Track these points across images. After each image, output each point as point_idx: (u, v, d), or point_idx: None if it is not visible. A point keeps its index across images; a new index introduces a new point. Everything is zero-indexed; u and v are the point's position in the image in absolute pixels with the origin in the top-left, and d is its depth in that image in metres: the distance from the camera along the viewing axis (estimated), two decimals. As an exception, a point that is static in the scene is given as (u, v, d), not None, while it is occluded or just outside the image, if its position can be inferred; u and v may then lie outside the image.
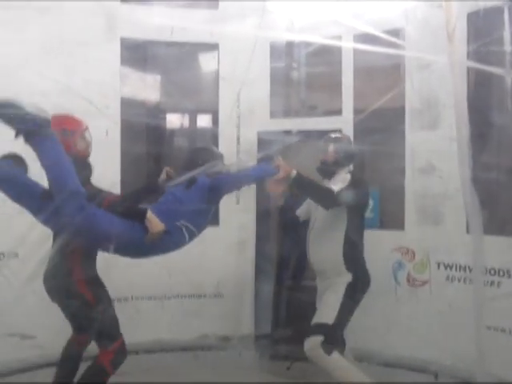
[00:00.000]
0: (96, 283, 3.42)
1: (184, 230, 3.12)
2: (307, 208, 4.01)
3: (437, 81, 4.32)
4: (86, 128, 3.44)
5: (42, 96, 4.28)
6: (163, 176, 3.58)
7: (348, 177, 3.79)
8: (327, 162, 3.87)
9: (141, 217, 2.92)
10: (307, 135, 5.16)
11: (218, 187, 3.30)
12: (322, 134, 4.96)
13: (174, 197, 3.22)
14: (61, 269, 3.23)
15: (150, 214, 2.94)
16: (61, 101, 4.47)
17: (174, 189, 3.28)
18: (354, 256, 3.76)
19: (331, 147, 3.87)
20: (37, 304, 3.98)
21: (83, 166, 3.32)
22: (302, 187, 3.67)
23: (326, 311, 3.66)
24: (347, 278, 3.72)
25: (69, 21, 4.50)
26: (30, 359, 3.67)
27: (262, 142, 5.12)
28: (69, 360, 3.51)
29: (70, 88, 4.43)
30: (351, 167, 3.95)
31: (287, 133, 5.10)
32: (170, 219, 3.06)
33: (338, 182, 3.72)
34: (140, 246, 3.00)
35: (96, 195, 3.02)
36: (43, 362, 4.19)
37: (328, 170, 3.86)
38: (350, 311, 3.78)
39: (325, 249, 3.76)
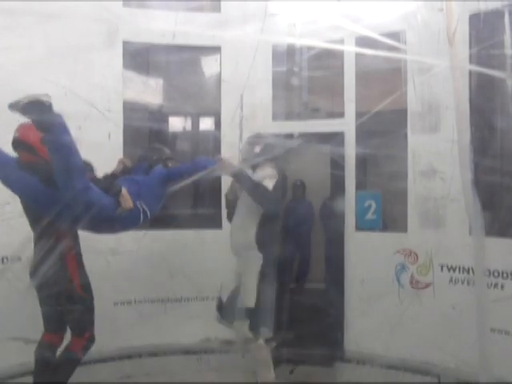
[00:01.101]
0: (87, 282, 3.67)
1: (141, 210, 3.49)
2: (235, 189, 4.20)
3: (438, 84, 4.33)
4: None
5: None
6: (119, 166, 4.02)
7: (274, 171, 3.99)
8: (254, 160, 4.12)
9: (117, 193, 3.29)
10: (309, 138, 5.17)
11: (169, 176, 3.87)
12: (325, 137, 5.02)
13: (135, 180, 3.70)
14: (62, 276, 3.44)
15: (124, 191, 3.33)
16: (64, 105, 4.49)
17: (135, 174, 3.87)
18: (265, 240, 3.99)
19: (256, 148, 4.20)
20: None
21: None
22: (241, 183, 3.91)
23: (247, 295, 3.91)
24: (259, 258, 3.96)
25: (71, 25, 4.51)
26: (32, 363, 3.68)
27: (265, 144, 5.10)
28: (45, 361, 3.56)
29: (72, 92, 4.45)
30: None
31: (289, 136, 5.11)
32: (132, 199, 3.42)
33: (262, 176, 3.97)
34: (108, 220, 3.34)
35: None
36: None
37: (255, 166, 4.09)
38: (269, 294, 4.05)
39: (242, 231, 4.05)
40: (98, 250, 4.27)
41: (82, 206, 3.06)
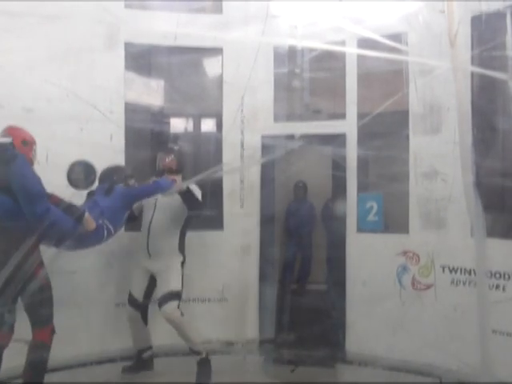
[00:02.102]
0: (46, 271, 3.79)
1: (105, 228, 3.86)
2: (140, 206, 4.55)
3: (440, 85, 4.33)
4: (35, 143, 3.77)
5: (47, 101, 4.34)
6: None
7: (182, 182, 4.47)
8: (166, 168, 4.50)
9: (80, 216, 3.65)
10: (311, 139, 5.18)
11: (130, 196, 4.21)
12: (326, 138, 5.02)
13: (97, 201, 3.99)
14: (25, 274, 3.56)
15: (87, 215, 3.70)
16: (65, 106, 4.52)
17: (96, 195, 4.10)
18: (183, 241, 4.52)
19: (168, 158, 4.51)
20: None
21: None
22: (186, 199, 4.30)
23: (173, 281, 4.38)
24: (180, 257, 4.48)
25: (73, 27, 4.52)
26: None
27: (266, 146, 5.13)
28: None
29: (74, 93, 4.45)
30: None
31: (291, 137, 5.11)
32: (94, 219, 3.78)
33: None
34: (72, 239, 3.65)
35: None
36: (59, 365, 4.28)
37: (168, 174, 4.46)
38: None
39: (165, 237, 4.44)
40: (100, 251, 4.28)
41: (43, 228, 3.41)
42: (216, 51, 5.22)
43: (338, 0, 4.71)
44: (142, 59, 5.17)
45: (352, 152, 4.88)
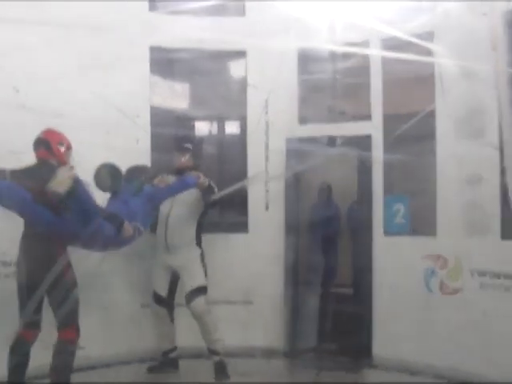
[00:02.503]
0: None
1: (136, 229, 3.93)
2: None
3: (482, 89, 4.23)
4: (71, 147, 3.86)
5: (75, 106, 4.41)
6: None
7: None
8: (182, 167, 4.61)
9: (120, 225, 3.75)
10: (336, 141, 5.15)
11: (157, 195, 4.33)
12: (351, 140, 4.98)
13: (125, 201, 4.02)
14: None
15: (126, 224, 3.78)
16: (93, 111, 4.56)
17: (126, 198, 4.08)
18: (200, 235, 4.61)
19: (186, 156, 4.62)
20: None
21: None
22: (207, 195, 4.45)
23: (198, 276, 4.48)
24: (198, 250, 4.56)
25: (100, 33, 4.55)
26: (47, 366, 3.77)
27: (291, 147, 5.11)
28: (21, 357, 3.62)
29: (102, 98, 4.50)
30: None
31: (316, 139, 5.09)
32: (125, 219, 3.83)
33: None
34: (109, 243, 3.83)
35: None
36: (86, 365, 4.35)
37: (183, 174, 4.55)
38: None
39: (183, 231, 4.52)
40: (125, 253, 4.31)
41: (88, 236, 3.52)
42: (240, 54, 5.24)
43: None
44: (166, 63, 5.21)
45: (378, 153, 4.83)
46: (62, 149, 3.75)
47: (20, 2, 4.11)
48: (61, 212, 3.49)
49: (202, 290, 4.45)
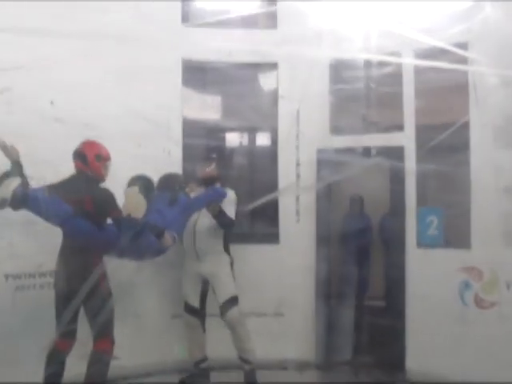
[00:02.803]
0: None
1: (174, 238, 3.98)
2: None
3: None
4: (109, 159, 3.93)
5: (107, 118, 4.48)
6: None
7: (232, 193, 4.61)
8: (207, 177, 4.62)
9: (160, 234, 3.81)
10: (368, 152, 5.11)
11: (192, 206, 4.36)
12: (384, 151, 4.93)
13: (160, 211, 4.03)
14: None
15: (166, 234, 3.83)
16: (125, 122, 4.64)
17: (161, 206, 4.09)
18: (228, 242, 4.60)
19: (211, 166, 4.63)
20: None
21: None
22: (218, 219, 4.43)
23: (229, 287, 4.51)
24: (228, 258, 4.57)
25: (130, 45, 4.62)
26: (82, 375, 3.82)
27: (322, 158, 5.10)
28: (56, 366, 3.68)
29: (134, 110, 4.57)
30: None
31: (347, 149, 5.06)
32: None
33: None
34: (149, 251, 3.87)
35: None
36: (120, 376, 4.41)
37: (208, 184, 4.58)
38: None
39: (211, 238, 4.52)
40: (155, 262, 4.35)
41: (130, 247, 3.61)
42: (271, 66, 5.26)
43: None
44: (198, 75, 5.26)
45: (411, 164, 4.78)
46: (99, 162, 3.82)
47: (55, 16, 4.22)
48: (101, 223, 3.59)
49: (234, 300, 4.48)
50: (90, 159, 3.77)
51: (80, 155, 3.79)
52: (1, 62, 3.97)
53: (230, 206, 4.48)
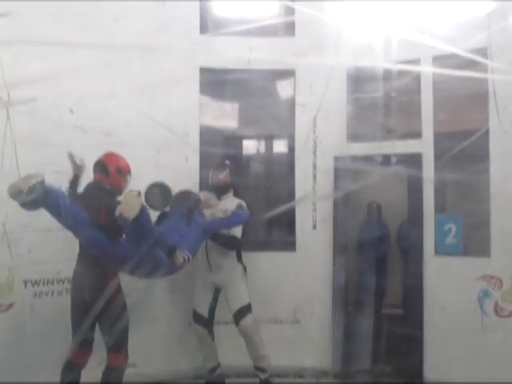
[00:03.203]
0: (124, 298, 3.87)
1: (186, 259, 3.83)
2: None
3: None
4: (129, 172, 3.88)
5: (126, 126, 4.53)
6: None
7: (234, 198, 4.58)
8: (220, 184, 4.56)
9: (171, 251, 3.64)
10: (385, 159, 5.09)
11: (209, 229, 4.25)
12: (401, 158, 4.91)
13: (180, 232, 3.93)
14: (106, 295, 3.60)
15: (178, 252, 3.68)
16: (143, 130, 4.68)
17: (177, 225, 4.00)
18: (240, 251, 4.54)
19: (221, 175, 4.55)
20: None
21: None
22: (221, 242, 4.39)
23: (242, 295, 4.49)
24: (240, 267, 4.54)
25: (152, 54, 4.68)
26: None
27: (339, 166, 5.09)
28: (72, 376, 3.66)
29: (152, 118, 4.61)
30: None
31: (364, 157, 5.04)
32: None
33: (228, 202, 4.52)
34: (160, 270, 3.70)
35: None
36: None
37: (221, 191, 4.56)
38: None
39: (222, 249, 4.42)
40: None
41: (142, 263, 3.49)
42: (289, 73, 5.27)
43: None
44: (216, 83, 5.29)
45: (429, 172, 4.75)
46: (120, 175, 3.79)
47: (74, 27, 4.28)
48: (115, 236, 3.53)
49: (247, 309, 4.46)
50: (111, 171, 3.75)
51: (101, 167, 3.77)
52: (27, 73, 4.03)
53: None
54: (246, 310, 4.44)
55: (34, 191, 3.18)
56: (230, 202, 4.51)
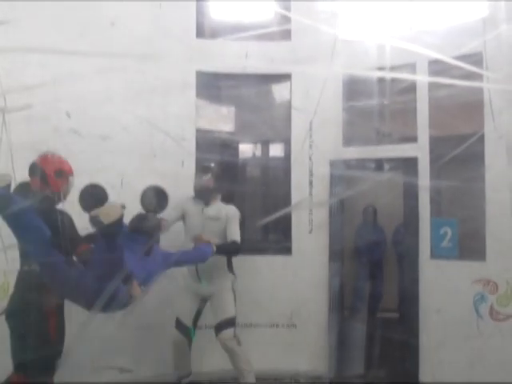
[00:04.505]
0: (62, 326, 3.49)
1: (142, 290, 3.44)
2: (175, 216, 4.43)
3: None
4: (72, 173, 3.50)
5: (122, 129, 4.53)
6: None
7: (222, 204, 4.44)
8: (204, 188, 4.38)
9: (128, 280, 3.24)
10: (381, 163, 5.09)
11: (170, 262, 3.82)
12: (397, 162, 4.92)
13: (136, 260, 3.46)
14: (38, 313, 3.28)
15: (135, 283, 3.32)
16: (139, 134, 4.68)
17: (134, 255, 3.45)
18: (231, 260, 4.44)
19: (205, 176, 4.39)
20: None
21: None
22: (222, 252, 4.27)
23: (228, 307, 4.35)
24: (231, 277, 4.43)
25: (148, 58, 4.68)
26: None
27: (335, 170, 5.10)
28: None
29: (148, 121, 4.61)
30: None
31: (361, 161, 5.05)
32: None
33: (215, 207, 4.40)
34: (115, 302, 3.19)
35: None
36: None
37: (206, 196, 4.40)
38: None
39: (214, 260, 4.21)
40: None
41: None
42: (285, 77, 5.28)
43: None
44: (212, 87, 5.30)
45: (424, 176, 4.76)
46: (60, 179, 3.36)
47: (70, 32, 4.28)
48: (68, 257, 3.15)
49: (231, 322, 4.33)
50: (50, 176, 3.30)
51: (38, 170, 3.31)
52: (23, 79, 4.03)
53: (234, 226, 4.34)
54: (228, 323, 4.32)
55: None
56: (219, 209, 4.40)
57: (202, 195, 4.41)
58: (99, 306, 3.06)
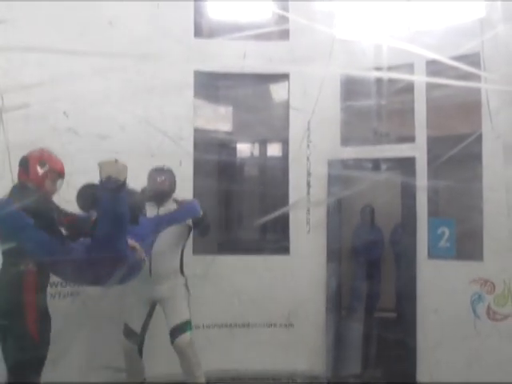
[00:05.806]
0: (45, 325, 3.31)
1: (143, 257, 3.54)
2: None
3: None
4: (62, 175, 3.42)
5: (120, 129, 4.53)
6: None
7: (174, 204, 4.31)
8: (158, 191, 4.27)
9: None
10: (378, 163, 5.10)
11: (160, 224, 3.94)
12: (394, 162, 4.92)
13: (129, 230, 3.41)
14: (16, 307, 3.15)
15: (137, 245, 3.39)
16: (137, 133, 4.68)
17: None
18: (183, 262, 4.34)
19: (159, 178, 4.28)
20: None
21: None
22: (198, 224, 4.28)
23: (182, 310, 4.23)
24: (182, 279, 4.31)
25: (146, 58, 4.68)
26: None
27: (333, 169, 5.10)
28: None
29: (146, 121, 4.61)
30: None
31: (359, 161, 5.06)
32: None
33: (170, 206, 4.29)
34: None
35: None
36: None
37: (160, 198, 4.27)
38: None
39: (168, 259, 4.22)
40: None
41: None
42: (283, 77, 5.28)
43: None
44: (210, 87, 5.30)
45: (422, 176, 4.77)
46: (42, 170, 3.26)
47: (68, 32, 4.28)
48: (67, 242, 3.14)
49: (186, 325, 4.20)
50: (32, 167, 3.22)
51: (23, 162, 3.29)
52: (21, 79, 4.02)
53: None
54: (183, 327, 4.17)
55: None
56: (173, 206, 4.30)
57: (157, 197, 4.28)
58: (117, 277, 3.17)
